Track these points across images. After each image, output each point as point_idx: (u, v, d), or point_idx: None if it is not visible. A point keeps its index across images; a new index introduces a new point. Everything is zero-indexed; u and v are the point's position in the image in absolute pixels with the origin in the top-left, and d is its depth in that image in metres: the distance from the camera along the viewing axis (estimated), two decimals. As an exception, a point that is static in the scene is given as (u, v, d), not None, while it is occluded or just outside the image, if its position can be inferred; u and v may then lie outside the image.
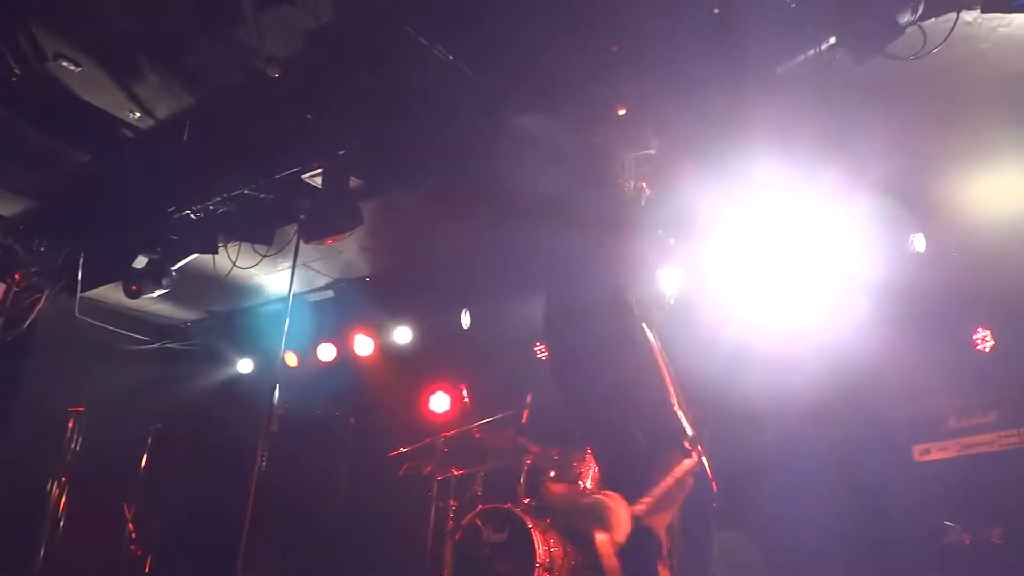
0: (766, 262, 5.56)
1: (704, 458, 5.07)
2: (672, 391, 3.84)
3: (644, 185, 4.66)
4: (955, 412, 4.06)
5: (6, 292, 7.45)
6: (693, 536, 4.91)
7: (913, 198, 5.08)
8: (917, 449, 4.19)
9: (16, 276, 7.45)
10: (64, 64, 5.24)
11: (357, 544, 6.14)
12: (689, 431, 3.76)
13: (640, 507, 4.48)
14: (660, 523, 4.51)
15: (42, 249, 7.53)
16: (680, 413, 3.80)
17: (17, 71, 4.89)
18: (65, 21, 4.96)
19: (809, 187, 5.09)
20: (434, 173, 5.79)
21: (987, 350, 4.78)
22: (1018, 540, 3.58)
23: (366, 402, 7.50)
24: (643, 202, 5.04)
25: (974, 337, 4.82)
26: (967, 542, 3.69)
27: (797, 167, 5.01)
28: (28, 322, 7.79)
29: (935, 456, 4.09)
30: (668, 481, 4.45)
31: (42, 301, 7.85)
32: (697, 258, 6.00)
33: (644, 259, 5.74)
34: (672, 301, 6.15)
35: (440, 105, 5.35)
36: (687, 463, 4.32)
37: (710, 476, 5.06)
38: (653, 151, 4.68)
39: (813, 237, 5.35)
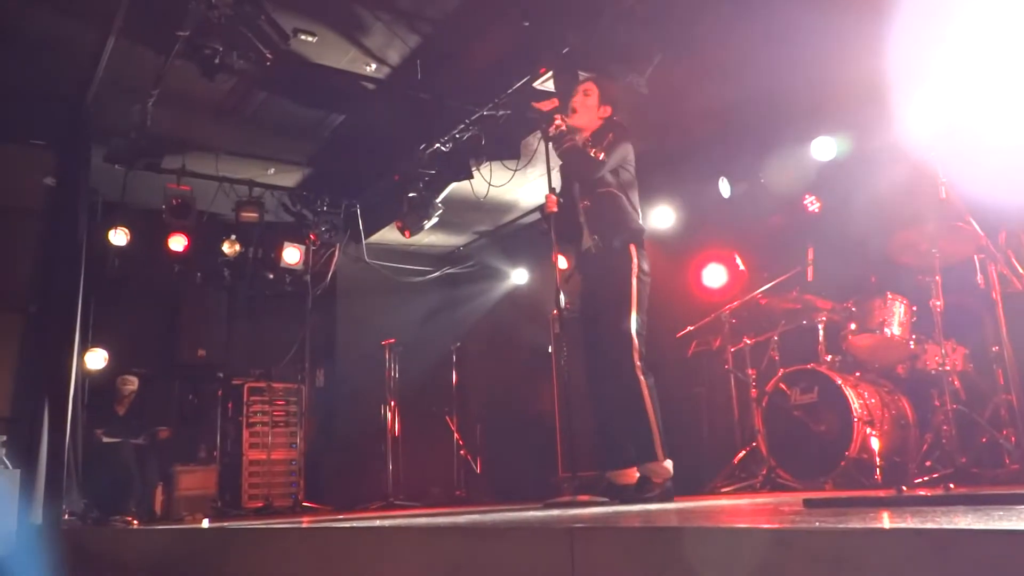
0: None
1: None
2: None
3: None
4: None
5: (305, 253, 8.41)
6: None
7: None
8: None
9: (312, 236, 8.38)
10: (303, 37, 5.66)
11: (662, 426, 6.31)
12: None
13: None
14: None
15: (325, 209, 8.40)
16: None
17: (268, 55, 5.36)
18: (294, -3, 5.32)
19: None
20: (660, 47, 5.57)
21: None
22: None
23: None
24: None
25: None
26: None
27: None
28: (330, 275, 8.81)
29: None
30: None
31: (336, 254, 8.81)
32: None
33: None
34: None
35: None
36: None
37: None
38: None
39: None
